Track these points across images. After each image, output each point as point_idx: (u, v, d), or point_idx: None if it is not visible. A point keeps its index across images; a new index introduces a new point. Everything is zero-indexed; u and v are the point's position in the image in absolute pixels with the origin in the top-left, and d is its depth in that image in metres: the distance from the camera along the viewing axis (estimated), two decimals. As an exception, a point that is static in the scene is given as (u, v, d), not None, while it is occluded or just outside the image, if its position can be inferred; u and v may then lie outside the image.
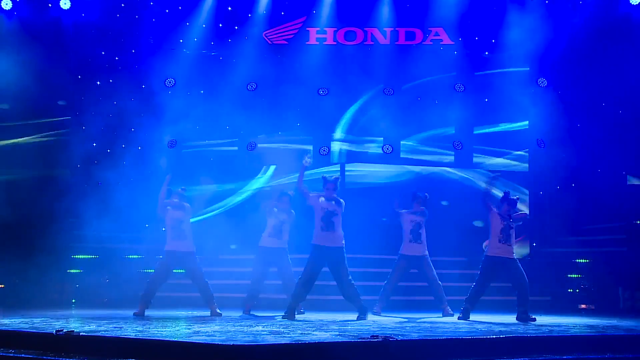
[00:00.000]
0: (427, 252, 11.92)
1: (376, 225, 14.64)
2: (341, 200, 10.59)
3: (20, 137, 14.30)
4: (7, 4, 14.40)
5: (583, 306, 13.73)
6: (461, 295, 11.22)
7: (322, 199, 10.47)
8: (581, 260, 14.78)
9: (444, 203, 14.56)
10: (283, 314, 10.52)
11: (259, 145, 15.41)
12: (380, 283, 12.20)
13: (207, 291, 11.30)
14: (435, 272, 11.92)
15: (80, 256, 14.29)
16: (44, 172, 14.31)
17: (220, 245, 14.09)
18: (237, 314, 11.40)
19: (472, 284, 11.00)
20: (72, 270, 14.18)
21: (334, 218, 10.35)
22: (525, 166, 15.52)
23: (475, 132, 15.64)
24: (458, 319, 10.74)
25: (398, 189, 12.84)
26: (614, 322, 10.39)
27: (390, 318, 10.90)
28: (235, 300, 12.31)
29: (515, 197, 10.87)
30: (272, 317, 10.67)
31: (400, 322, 9.90)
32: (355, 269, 13.16)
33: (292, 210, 11.84)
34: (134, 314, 10.83)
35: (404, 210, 11.94)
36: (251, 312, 11.56)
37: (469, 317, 10.73)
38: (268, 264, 11.71)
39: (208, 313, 11.23)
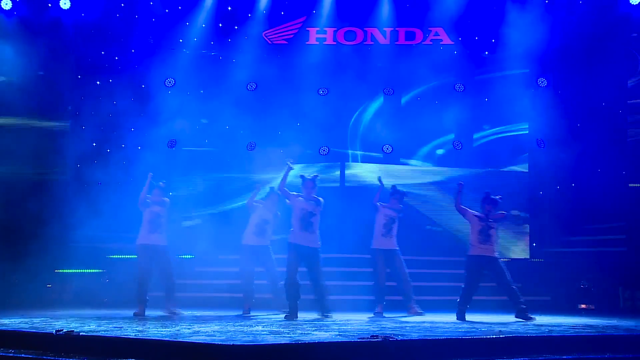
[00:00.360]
0: (397, 247, 11.87)
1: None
2: (320, 199, 10.63)
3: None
4: (6, 4, 14.37)
5: (583, 306, 13.71)
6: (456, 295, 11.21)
7: (301, 198, 10.53)
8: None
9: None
10: (285, 314, 10.51)
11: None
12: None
13: (172, 288, 11.32)
14: (406, 269, 11.88)
15: (78, 256, 14.20)
16: (44, 171, 14.29)
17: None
18: (236, 313, 11.39)
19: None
20: (71, 270, 14.15)
21: (312, 218, 10.46)
22: (524, 166, 15.55)
23: (476, 132, 15.66)
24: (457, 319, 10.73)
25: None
26: (614, 322, 10.39)
27: (390, 318, 10.89)
28: (235, 300, 12.29)
29: (496, 197, 10.89)
30: (271, 317, 10.66)
31: (400, 322, 9.89)
32: (353, 268, 13.23)
33: (279, 212, 11.78)
34: (134, 314, 10.83)
35: (379, 204, 11.85)
36: (249, 312, 11.51)
37: (464, 318, 10.72)
38: (254, 262, 11.66)
39: (209, 313, 11.22)
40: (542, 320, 10.49)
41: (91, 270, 14.11)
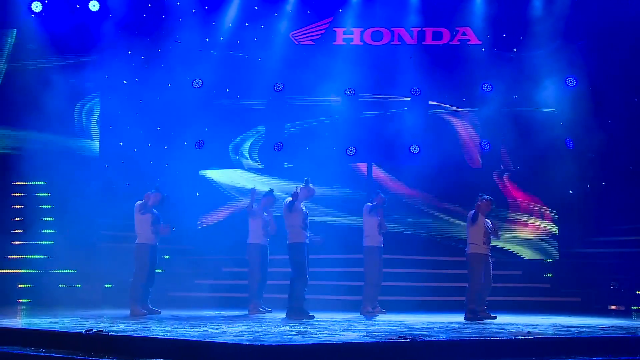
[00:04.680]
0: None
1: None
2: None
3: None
4: (37, 7, 14.54)
5: (613, 307, 13.57)
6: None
7: (302, 203, 10.90)
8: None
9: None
10: (309, 315, 10.46)
11: None
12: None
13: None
14: None
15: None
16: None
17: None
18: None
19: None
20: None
21: (307, 220, 10.89)
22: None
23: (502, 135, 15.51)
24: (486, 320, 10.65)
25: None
26: (644, 323, 10.27)
27: (417, 318, 10.81)
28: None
29: (486, 197, 10.82)
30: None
31: (428, 323, 9.83)
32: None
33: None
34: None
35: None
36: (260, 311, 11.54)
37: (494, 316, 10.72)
38: (265, 261, 11.73)
39: (236, 313, 11.26)
40: (572, 321, 10.39)
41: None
